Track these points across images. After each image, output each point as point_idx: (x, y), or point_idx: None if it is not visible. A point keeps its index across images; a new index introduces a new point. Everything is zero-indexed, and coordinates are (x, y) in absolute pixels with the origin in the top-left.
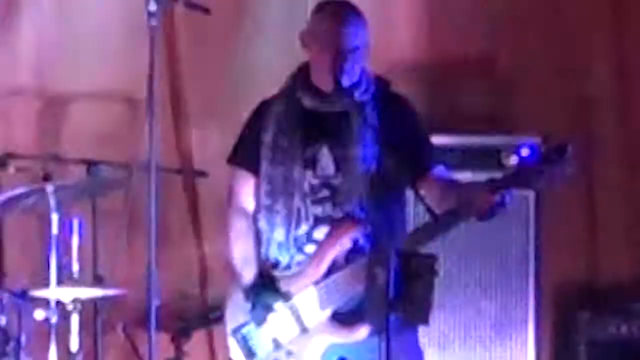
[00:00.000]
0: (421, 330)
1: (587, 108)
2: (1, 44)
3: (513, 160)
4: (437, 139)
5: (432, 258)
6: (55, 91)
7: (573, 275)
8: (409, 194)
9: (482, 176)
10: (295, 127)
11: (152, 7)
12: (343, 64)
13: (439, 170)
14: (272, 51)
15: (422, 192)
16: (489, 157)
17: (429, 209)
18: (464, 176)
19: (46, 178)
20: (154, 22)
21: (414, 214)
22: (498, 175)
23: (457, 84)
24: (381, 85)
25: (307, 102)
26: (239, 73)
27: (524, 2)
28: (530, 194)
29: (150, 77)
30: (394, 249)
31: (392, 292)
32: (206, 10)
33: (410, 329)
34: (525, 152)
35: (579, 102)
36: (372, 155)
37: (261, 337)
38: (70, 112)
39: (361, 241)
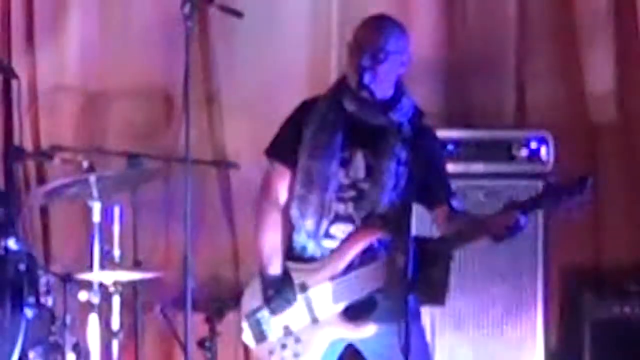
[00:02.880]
0: (437, 311)
1: (591, 103)
2: (49, 45)
3: (523, 152)
4: (451, 133)
5: (448, 243)
6: (98, 88)
7: (578, 260)
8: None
9: (494, 167)
10: (336, 127)
11: (188, 10)
12: (366, 61)
13: (456, 202)
14: (298, 51)
15: (436, 217)
16: (500, 150)
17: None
18: (477, 168)
19: (89, 169)
20: (189, 24)
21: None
22: (508, 166)
23: (470, 82)
24: (417, 114)
25: (348, 104)
26: (268, 71)
27: (534, 6)
28: (540, 185)
29: (186, 75)
30: (412, 236)
31: (411, 275)
32: (238, 14)
33: (416, 320)
34: (534, 144)
35: (583, 98)
36: (399, 173)
37: (273, 323)
38: (112, 107)
39: (376, 245)
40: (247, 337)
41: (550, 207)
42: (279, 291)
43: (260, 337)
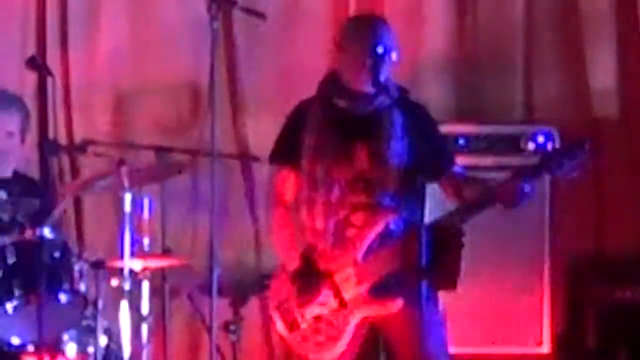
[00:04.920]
0: (449, 295)
1: (594, 100)
2: (81, 44)
3: (530, 146)
4: (463, 128)
5: (459, 232)
6: (128, 85)
7: (584, 247)
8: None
9: (502, 160)
10: (332, 127)
11: (213, 11)
12: (378, 64)
13: (458, 168)
14: (318, 50)
15: (442, 185)
16: (508, 144)
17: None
18: (486, 161)
19: (120, 162)
20: (214, 25)
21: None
22: (516, 159)
23: (480, 79)
24: (403, 92)
25: (342, 104)
26: (289, 69)
27: (540, 7)
28: (546, 176)
29: (212, 73)
30: (426, 225)
31: (425, 262)
32: (261, 15)
33: (433, 300)
34: (540, 139)
35: (587, 95)
36: (401, 151)
37: (304, 311)
38: (141, 104)
39: (392, 226)
40: (280, 326)
41: (554, 171)
42: (303, 283)
43: (293, 325)
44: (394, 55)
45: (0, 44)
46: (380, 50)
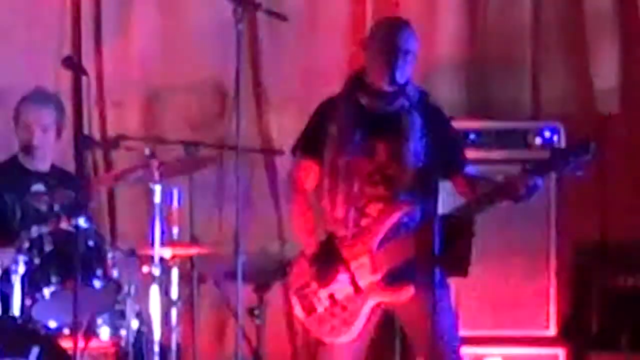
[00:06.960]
0: (460, 281)
1: (598, 97)
2: (115, 45)
3: (537, 141)
4: (473, 123)
5: (471, 221)
6: (158, 83)
7: (588, 236)
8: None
9: (510, 155)
10: (356, 123)
11: (239, 13)
12: (397, 61)
13: (470, 168)
14: (337, 49)
15: (454, 184)
16: (516, 139)
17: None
18: (495, 154)
19: (151, 156)
20: (240, 26)
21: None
22: (524, 153)
23: (490, 77)
24: (423, 95)
25: (365, 101)
26: (310, 68)
27: (547, 10)
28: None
29: (237, 72)
30: (439, 216)
31: (437, 249)
32: (283, 18)
33: (445, 286)
34: (547, 134)
35: (591, 92)
36: (418, 151)
37: (321, 295)
38: (171, 101)
39: (407, 219)
40: (298, 310)
41: (560, 168)
42: (321, 267)
43: (310, 309)
44: (414, 57)
45: (38, 44)
46: (400, 49)
